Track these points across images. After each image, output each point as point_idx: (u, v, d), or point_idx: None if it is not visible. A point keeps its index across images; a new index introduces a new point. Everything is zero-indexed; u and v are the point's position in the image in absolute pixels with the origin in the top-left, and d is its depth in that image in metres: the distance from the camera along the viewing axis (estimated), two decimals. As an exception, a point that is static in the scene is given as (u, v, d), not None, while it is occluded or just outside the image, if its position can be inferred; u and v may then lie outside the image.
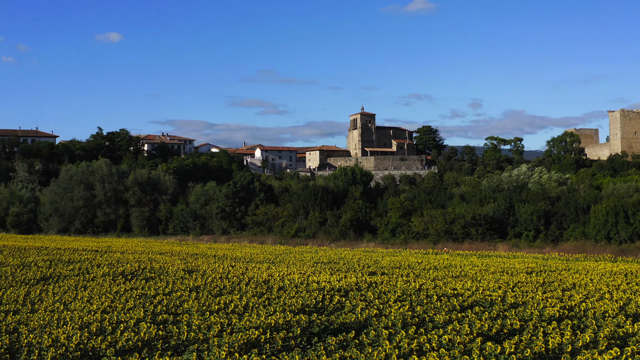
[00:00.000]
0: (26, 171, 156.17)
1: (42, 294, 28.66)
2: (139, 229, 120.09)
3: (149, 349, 19.15)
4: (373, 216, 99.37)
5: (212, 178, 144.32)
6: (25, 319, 22.94)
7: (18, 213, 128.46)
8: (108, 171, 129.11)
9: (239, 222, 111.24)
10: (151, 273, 36.87)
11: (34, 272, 36.53)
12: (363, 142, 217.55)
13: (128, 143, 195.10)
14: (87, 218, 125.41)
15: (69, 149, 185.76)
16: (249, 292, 28.79)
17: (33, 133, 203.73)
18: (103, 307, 24.98)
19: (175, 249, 65.87)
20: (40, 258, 45.99)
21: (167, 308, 25.03)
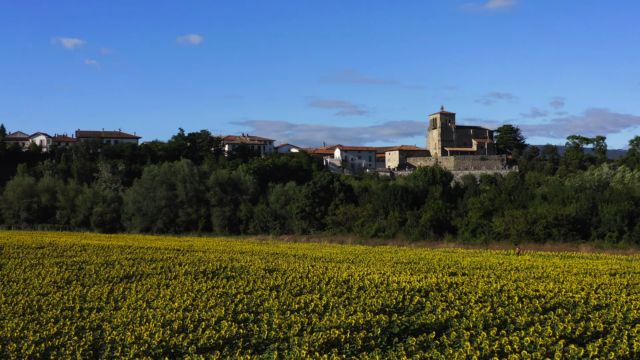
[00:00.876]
0: (109, 172, 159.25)
1: (125, 292, 29.13)
2: (220, 228, 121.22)
3: (229, 347, 19.30)
4: (453, 216, 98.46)
5: (292, 178, 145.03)
6: (109, 316, 23.34)
7: (102, 213, 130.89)
8: (189, 171, 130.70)
9: (319, 222, 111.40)
10: (232, 272, 37.18)
11: (117, 271, 37.18)
12: (443, 141, 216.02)
13: (209, 144, 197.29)
14: (169, 218, 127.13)
15: (151, 150, 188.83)
16: (329, 291, 28.80)
17: (116, 134, 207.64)
18: (185, 305, 25.26)
19: (256, 249, 66.35)
20: (123, 257, 46.79)
21: (247, 307, 25.19)
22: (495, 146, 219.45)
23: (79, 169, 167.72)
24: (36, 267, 39.77)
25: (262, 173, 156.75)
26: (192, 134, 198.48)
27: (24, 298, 27.03)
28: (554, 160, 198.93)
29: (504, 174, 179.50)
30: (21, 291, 29.36)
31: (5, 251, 51.05)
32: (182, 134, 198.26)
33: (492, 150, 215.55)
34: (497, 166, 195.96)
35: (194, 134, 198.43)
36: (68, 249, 54.61)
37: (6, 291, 29.38)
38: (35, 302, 26.21)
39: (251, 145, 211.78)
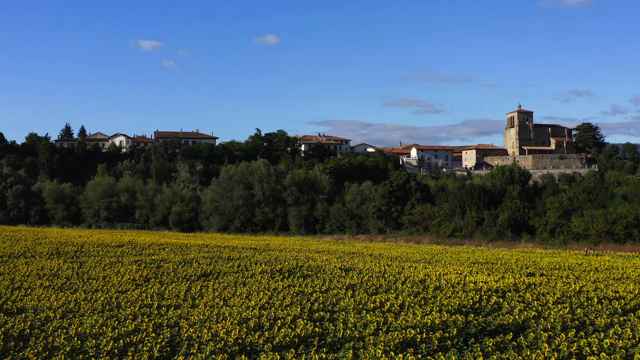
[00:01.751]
0: (188, 171, 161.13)
1: (203, 290, 29.40)
2: (296, 227, 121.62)
3: (305, 346, 19.30)
4: (531, 216, 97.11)
5: (368, 178, 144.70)
6: (186, 314, 23.57)
7: (180, 212, 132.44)
8: (266, 171, 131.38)
9: (395, 221, 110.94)
10: (308, 271, 37.23)
11: (194, 269, 37.55)
12: (520, 140, 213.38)
13: (285, 144, 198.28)
14: (246, 217, 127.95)
15: (229, 150, 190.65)
16: (405, 291, 28.64)
17: (194, 135, 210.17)
18: (261, 304, 25.38)
19: (332, 248, 66.39)
20: (201, 255, 47.26)
21: (323, 305, 25.19)
22: (574, 145, 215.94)
23: (158, 169, 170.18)
24: (115, 265, 40.40)
25: (338, 173, 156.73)
26: (268, 134, 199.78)
27: (103, 295, 27.47)
28: (634, 159, 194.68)
29: (583, 173, 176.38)
30: (101, 288, 29.85)
31: (86, 249, 52.01)
32: (259, 134, 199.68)
33: (571, 149, 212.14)
34: (576, 165, 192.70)
35: (271, 134, 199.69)
36: (147, 247, 55.38)
37: (86, 288, 29.90)
38: (114, 299, 26.60)
39: (327, 144, 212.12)
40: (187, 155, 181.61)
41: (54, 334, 20.04)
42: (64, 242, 59.19)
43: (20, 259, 43.77)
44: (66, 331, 20.26)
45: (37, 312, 23.85)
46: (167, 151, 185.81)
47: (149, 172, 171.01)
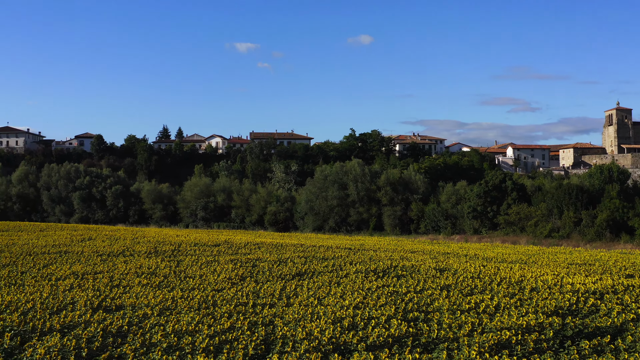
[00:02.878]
0: (283, 172, 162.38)
1: (297, 289, 29.54)
2: (391, 227, 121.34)
3: (399, 346, 19.22)
4: (631, 216, 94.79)
5: (463, 177, 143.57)
6: (281, 313, 23.72)
7: (275, 212, 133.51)
8: (361, 171, 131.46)
9: (491, 221, 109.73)
10: (402, 271, 37.08)
11: (289, 268, 37.78)
12: (619, 138, 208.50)
13: (380, 144, 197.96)
14: (341, 217, 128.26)
15: (323, 150, 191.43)
16: (501, 292, 28.26)
17: (289, 135, 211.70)
18: (355, 303, 25.37)
19: (427, 248, 65.98)
20: (296, 255, 47.51)
21: (417, 306, 25.05)
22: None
23: (253, 170, 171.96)
24: (212, 264, 40.93)
25: (432, 172, 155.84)
26: (363, 134, 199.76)
27: (199, 293, 27.85)
28: None
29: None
30: (197, 287, 30.27)
31: (183, 248, 52.83)
32: (353, 134, 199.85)
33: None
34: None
35: (365, 134, 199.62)
36: (243, 246, 55.93)
37: (183, 286, 30.36)
38: (210, 297, 26.94)
39: (422, 144, 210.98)
40: (282, 156, 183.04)
41: (151, 330, 20.42)
42: (161, 241, 60.26)
43: (119, 258, 44.75)
44: (163, 328, 20.61)
45: (135, 309, 24.32)
46: (263, 152, 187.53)
47: (245, 173, 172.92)
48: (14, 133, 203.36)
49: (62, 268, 37.41)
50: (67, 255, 45.46)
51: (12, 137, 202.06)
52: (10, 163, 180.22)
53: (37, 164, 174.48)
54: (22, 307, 23.55)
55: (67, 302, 25.27)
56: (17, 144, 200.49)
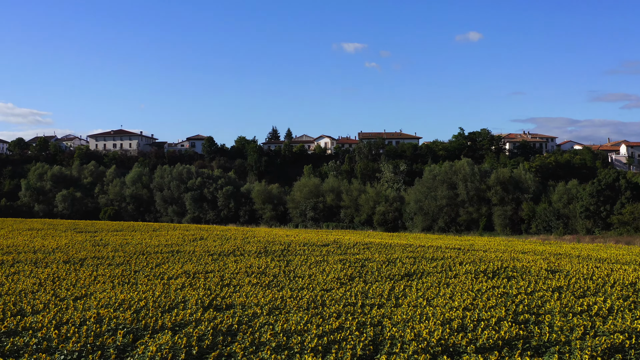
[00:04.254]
0: (391, 172, 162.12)
1: (406, 290, 29.40)
2: (501, 227, 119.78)
3: (509, 348, 18.91)
4: None
5: (574, 176, 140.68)
6: (389, 313, 23.63)
7: (384, 212, 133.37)
8: (470, 171, 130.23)
9: (604, 221, 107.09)
10: (513, 272, 36.50)
11: (398, 268, 37.64)
12: None
13: (489, 142, 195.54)
14: (450, 217, 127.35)
15: (432, 150, 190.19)
16: (614, 294, 27.53)
17: (397, 135, 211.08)
18: (464, 305, 25.10)
19: (538, 249, 64.77)
20: (404, 255, 47.30)
21: (528, 308, 24.62)
22: None
23: (362, 170, 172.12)
24: (321, 263, 41.11)
25: (543, 171, 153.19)
26: (472, 133, 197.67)
27: (308, 293, 27.99)
28: None
29: None
30: (306, 286, 30.43)
31: (292, 248, 53.22)
32: (462, 133, 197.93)
33: None
34: None
35: (474, 133, 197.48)
36: (351, 246, 55.99)
37: (292, 286, 30.57)
38: (319, 297, 27.04)
39: (532, 142, 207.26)
40: (390, 156, 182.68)
41: (261, 329, 20.60)
42: (271, 241, 60.86)
43: (229, 257, 45.38)
44: (272, 327, 20.77)
45: (245, 308, 24.59)
46: (371, 152, 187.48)
47: (354, 173, 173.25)
48: (127, 136, 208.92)
49: (174, 267, 38.19)
50: (179, 255, 46.38)
51: (125, 140, 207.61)
52: (124, 165, 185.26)
53: (150, 165, 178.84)
54: (135, 306, 24.10)
55: (179, 300, 25.76)
56: (130, 146, 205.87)
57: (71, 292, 27.52)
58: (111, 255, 45.53)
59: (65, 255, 45.04)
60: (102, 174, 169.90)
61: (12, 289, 28.30)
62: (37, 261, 41.10)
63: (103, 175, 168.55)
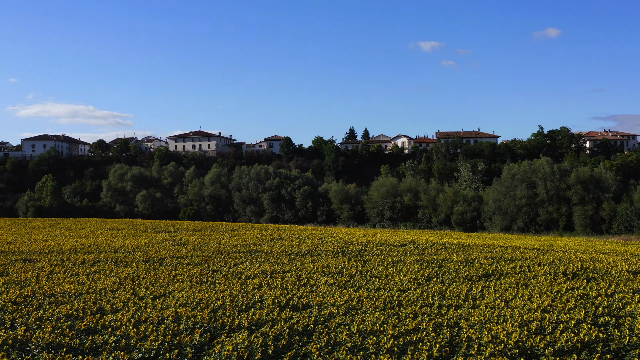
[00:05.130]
0: (469, 171, 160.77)
1: (484, 291, 29.18)
2: (581, 227, 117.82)
3: (588, 351, 18.61)
4: None
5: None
6: (466, 314, 23.48)
7: (462, 211, 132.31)
8: (550, 170, 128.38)
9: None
10: (593, 273, 35.93)
11: (476, 269, 37.38)
12: None
13: (569, 141, 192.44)
14: (529, 216, 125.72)
15: (510, 149, 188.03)
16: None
17: (475, 134, 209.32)
18: (543, 306, 24.81)
19: (619, 249, 63.53)
20: (482, 255, 46.95)
21: (608, 310, 24.22)
22: None
23: (440, 169, 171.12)
24: (398, 264, 41.05)
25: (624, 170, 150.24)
26: (551, 132, 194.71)
27: (385, 293, 27.98)
28: None
29: None
30: (383, 287, 30.42)
31: (369, 248, 53.24)
32: (541, 132, 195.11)
33: None
34: None
35: (554, 131, 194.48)
36: (429, 247, 55.76)
37: (369, 286, 30.59)
38: (396, 297, 27.00)
39: (613, 141, 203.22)
40: (468, 155, 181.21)
41: (337, 330, 20.66)
42: (348, 241, 60.97)
43: (307, 257, 45.62)
44: (348, 328, 20.80)
45: (321, 308, 24.69)
46: (449, 151, 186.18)
47: (431, 172, 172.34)
48: (206, 137, 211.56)
49: (252, 267, 38.53)
50: (257, 255, 46.79)
51: (204, 141, 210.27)
52: (203, 165, 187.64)
53: (229, 166, 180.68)
54: (212, 305, 24.39)
55: (256, 300, 25.99)
56: (209, 147, 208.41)
57: (150, 291, 27.99)
58: (190, 254, 46.18)
59: (145, 254, 45.85)
60: (181, 174, 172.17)
61: (92, 287, 28.92)
62: (118, 260, 41.91)
63: (182, 176, 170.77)
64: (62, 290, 27.87)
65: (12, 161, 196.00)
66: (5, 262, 40.71)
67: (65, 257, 43.96)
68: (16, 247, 52.33)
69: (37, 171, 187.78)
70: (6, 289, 27.92)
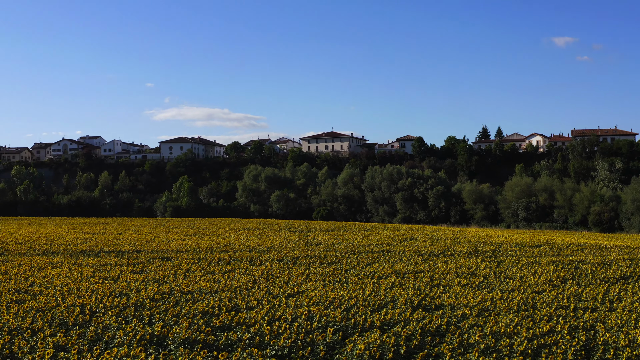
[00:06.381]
0: (606, 170, 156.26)
1: (621, 293, 28.43)
2: None
3: None
4: None
5: None
6: (603, 317, 22.92)
7: (599, 212, 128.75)
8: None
9: None
10: None
11: (613, 271, 36.44)
12: None
13: None
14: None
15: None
16: None
17: (612, 132, 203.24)
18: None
19: None
20: (620, 257, 45.71)
21: None
22: None
23: (575, 168, 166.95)
24: (532, 265, 40.45)
25: None
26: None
27: (519, 295, 27.61)
28: None
29: None
30: (517, 288, 30.04)
31: (503, 249, 52.60)
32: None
33: None
34: None
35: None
36: (565, 248, 54.66)
37: (502, 287, 30.26)
38: (530, 299, 26.61)
39: None
40: (605, 153, 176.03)
41: (469, 331, 20.51)
42: (482, 242, 60.38)
43: (439, 257, 45.44)
44: (481, 329, 20.61)
45: (454, 309, 24.56)
46: (585, 149, 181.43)
47: (567, 172, 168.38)
48: (338, 138, 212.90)
49: (384, 267, 38.66)
50: (389, 255, 46.90)
51: (336, 142, 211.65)
52: (336, 166, 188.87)
53: (361, 166, 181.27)
54: (345, 304, 24.60)
55: (388, 300, 26.06)
56: (341, 147, 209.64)
57: (284, 290, 28.45)
58: (323, 254, 46.67)
59: (279, 253, 46.61)
60: (314, 175, 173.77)
61: (227, 285, 29.60)
62: (252, 259, 42.75)
63: (315, 177, 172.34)
64: (199, 288, 28.64)
65: (151, 163, 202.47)
66: (144, 260, 42.17)
67: (202, 255, 45.17)
68: (155, 246, 54.10)
69: (174, 172, 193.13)
70: (145, 286, 28.89)
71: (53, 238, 62.32)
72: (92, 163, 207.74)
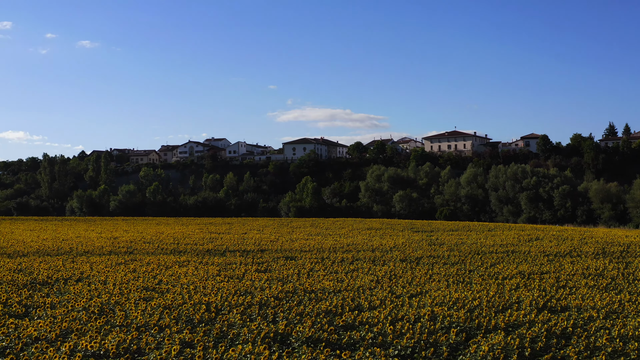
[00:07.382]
0: None
1: None
2: None
3: None
4: None
5: None
6: None
7: None
8: None
9: None
10: None
11: None
12: None
13: None
14: None
15: None
16: None
17: None
18: None
19: None
20: None
21: None
22: None
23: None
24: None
25: None
26: None
27: (646, 297, 26.97)
28: None
29: None
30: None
31: (632, 250, 51.32)
32: None
33: None
34: None
35: None
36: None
37: (631, 289, 29.60)
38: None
39: None
40: None
41: (596, 334, 20.15)
42: (609, 242, 59.00)
43: (565, 258, 44.66)
44: (608, 332, 20.25)
45: (580, 311, 24.18)
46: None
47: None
48: (461, 137, 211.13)
49: (509, 267, 38.27)
50: (514, 255, 46.39)
51: (459, 141, 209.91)
52: (459, 165, 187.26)
53: (484, 165, 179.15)
54: (468, 305, 24.52)
55: (513, 301, 25.84)
56: (464, 147, 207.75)
57: (407, 290, 28.53)
58: (446, 254, 46.53)
59: (402, 253, 46.69)
60: (437, 174, 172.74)
61: (350, 285, 29.87)
62: (375, 259, 42.95)
63: (438, 176, 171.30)
64: (322, 287, 29.00)
65: (274, 164, 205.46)
66: (268, 259, 42.92)
67: (325, 255, 45.66)
68: (279, 245, 54.97)
69: (297, 173, 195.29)
70: (269, 285, 29.44)
71: (180, 237, 64.03)
72: (217, 164, 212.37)
